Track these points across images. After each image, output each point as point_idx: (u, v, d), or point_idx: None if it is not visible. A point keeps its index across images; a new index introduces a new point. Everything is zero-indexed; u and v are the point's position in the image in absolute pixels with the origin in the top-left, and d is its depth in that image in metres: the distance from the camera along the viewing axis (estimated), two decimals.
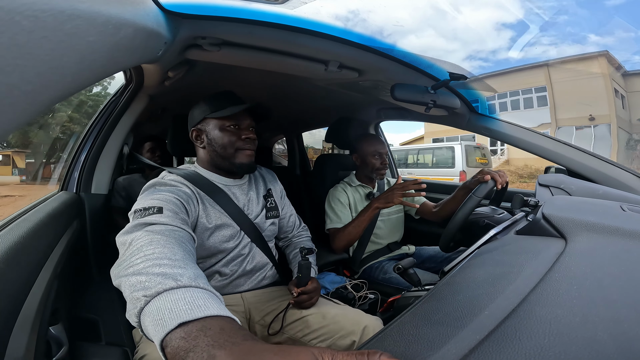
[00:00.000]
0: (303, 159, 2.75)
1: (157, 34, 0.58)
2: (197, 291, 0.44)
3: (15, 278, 0.51)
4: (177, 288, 0.44)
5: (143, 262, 0.50)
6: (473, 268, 0.59)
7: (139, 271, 0.48)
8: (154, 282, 0.45)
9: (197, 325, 0.38)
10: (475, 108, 1.35)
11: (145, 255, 0.52)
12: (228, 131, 0.96)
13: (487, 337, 0.36)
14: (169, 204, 0.73)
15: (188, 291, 0.44)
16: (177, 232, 0.64)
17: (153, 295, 0.44)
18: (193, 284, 0.46)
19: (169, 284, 0.44)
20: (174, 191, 0.82)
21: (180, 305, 0.41)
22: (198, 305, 0.41)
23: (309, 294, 0.96)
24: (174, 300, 0.42)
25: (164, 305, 0.42)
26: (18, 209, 0.78)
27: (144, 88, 1.15)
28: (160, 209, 0.70)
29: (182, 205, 0.79)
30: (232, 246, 0.96)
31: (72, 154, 1.20)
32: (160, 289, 0.44)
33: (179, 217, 0.71)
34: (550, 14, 14.60)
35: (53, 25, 0.27)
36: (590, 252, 0.53)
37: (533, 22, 6.36)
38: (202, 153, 1.01)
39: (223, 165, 0.99)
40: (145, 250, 0.53)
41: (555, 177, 1.11)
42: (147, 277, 0.46)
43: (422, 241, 1.72)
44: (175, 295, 0.43)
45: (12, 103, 0.26)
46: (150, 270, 0.48)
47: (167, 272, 0.47)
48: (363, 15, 0.90)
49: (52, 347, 0.62)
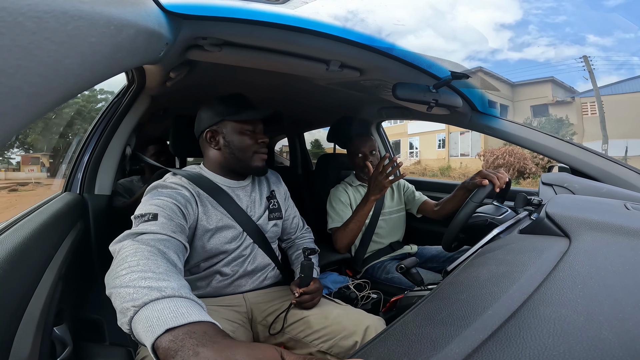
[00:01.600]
0: (305, 159, 2.75)
1: (159, 34, 0.59)
2: (181, 300, 0.49)
3: (20, 279, 0.51)
4: (162, 298, 0.48)
5: (128, 275, 0.53)
6: (476, 267, 0.59)
7: (126, 284, 0.52)
8: (141, 293, 0.49)
9: (183, 329, 0.43)
10: (476, 107, 1.35)
11: (130, 267, 0.55)
12: (246, 135, 0.98)
13: (490, 337, 0.36)
14: (165, 210, 0.76)
15: (172, 300, 0.48)
16: (165, 241, 0.67)
17: (141, 305, 0.48)
18: (176, 294, 0.50)
19: (155, 295, 0.48)
20: (173, 194, 0.84)
21: (166, 314, 0.45)
22: (182, 313, 0.45)
23: (311, 294, 0.96)
24: (160, 309, 0.46)
25: (151, 314, 0.46)
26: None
27: (146, 89, 1.15)
28: (155, 215, 0.73)
29: (179, 210, 0.81)
30: (233, 247, 0.96)
31: (75, 155, 1.21)
32: (147, 299, 0.48)
33: (174, 223, 0.74)
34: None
35: (55, 27, 0.27)
36: (595, 251, 0.53)
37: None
38: (215, 155, 1.01)
39: (238, 167, 1.00)
40: (129, 261, 0.56)
41: (558, 175, 1.11)
42: (134, 289, 0.50)
43: (424, 240, 1.72)
44: (161, 304, 0.47)
45: (15, 105, 0.26)
46: (137, 283, 0.51)
47: (152, 285, 0.51)
48: (363, 15, 0.90)
49: (56, 347, 0.62)
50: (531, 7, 37.47)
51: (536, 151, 1.24)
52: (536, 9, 36.74)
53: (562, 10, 25.39)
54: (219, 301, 0.97)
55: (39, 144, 4.03)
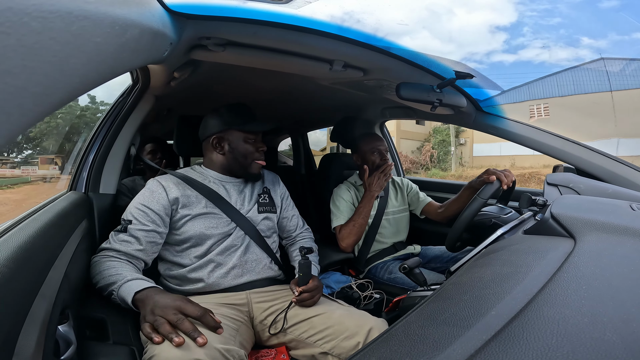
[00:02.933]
0: (308, 159, 2.75)
1: (163, 34, 0.59)
2: (138, 280, 0.84)
3: (25, 277, 0.52)
4: (128, 280, 0.84)
5: (103, 278, 0.86)
6: (480, 268, 0.59)
7: (102, 280, 0.85)
8: (120, 278, 0.84)
9: (144, 291, 0.81)
10: (481, 107, 1.34)
11: (111, 267, 0.88)
12: (249, 143, 1.09)
13: (494, 338, 0.35)
14: (139, 215, 0.96)
15: (134, 281, 0.84)
16: (133, 253, 0.92)
17: (119, 286, 0.83)
18: (134, 277, 0.85)
19: (124, 280, 0.84)
20: (150, 200, 0.98)
21: (132, 287, 0.82)
22: (139, 285, 0.82)
23: (311, 293, 0.98)
24: (129, 285, 0.82)
25: (127, 288, 0.82)
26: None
27: (150, 89, 1.16)
28: (129, 221, 0.95)
29: (153, 212, 0.97)
30: (219, 232, 1.02)
31: (80, 154, 1.22)
32: (121, 282, 0.83)
33: (147, 228, 0.95)
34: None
35: (61, 27, 0.27)
36: (600, 252, 0.52)
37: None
38: (218, 158, 1.11)
39: (238, 171, 1.12)
40: (114, 265, 0.89)
41: (563, 176, 1.10)
42: (116, 278, 0.85)
43: (428, 241, 1.71)
44: (129, 283, 0.83)
45: (20, 104, 0.26)
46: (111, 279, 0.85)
47: (121, 276, 0.85)
48: (366, 15, 0.90)
49: (60, 345, 0.62)
50: (526, 9, 37.34)
51: (541, 151, 1.23)
52: (531, 11, 36.61)
53: (557, 12, 25.26)
54: (222, 298, 0.99)
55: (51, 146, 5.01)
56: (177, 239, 1.01)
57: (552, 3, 25.82)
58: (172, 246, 1.02)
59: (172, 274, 1.01)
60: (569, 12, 19.87)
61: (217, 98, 1.56)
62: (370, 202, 1.44)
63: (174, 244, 1.02)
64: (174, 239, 1.01)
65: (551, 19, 31.68)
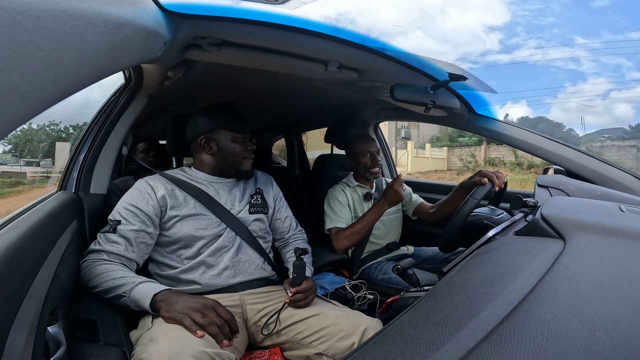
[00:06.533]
0: (302, 159, 2.74)
1: (157, 33, 0.58)
2: (148, 282, 0.86)
3: (14, 278, 0.51)
4: (139, 283, 0.84)
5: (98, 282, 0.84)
6: (472, 269, 0.59)
7: (105, 283, 0.85)
8: (129, 281, 0.84)
9: (160, 293, 0.81)
10: (474, 108, 1.36)
11: (110, 270, 0.86)
12: (238, 142, 1.09)
13: (485, 338, 0.36)
14: (128, 215, 0.94)
15: (145, 284, 0.85)
16: (125, 254, 0.91)
17: (131, 289, 0.82)
18: (143, 280, 0.85)
19: (134, 283, 0.84)
20: (139, 200, 0.97)
21: (147, 289, 0.83)
22: (154, 287, 0.84)
23: (304, 293, 0.98)
24: (142, 287, 0.83)
25: (142, 291, 0.82)
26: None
27: (143, 88, 1.14)
28: (118, 221, 0.93)
29: (142, 213, 0.96)
30: (209, 234, 1.01)
31: (71, 154, 1.20)
32: (132, 286, 0.83)
33: (136, 228, 0.93)
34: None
35: (54, 26, 0.27)
36: (589, 253, 0.53)
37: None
38: (207, 158, 1.10)
39: (228, 171, 1.11)
40: (110, 269, 0.87)
41: (554, 177, 1.11)
42: (124, 281, 0.85)
43: (421, 242, 1.72)
44: (141, 286, 0.84)
45: (11, 103, 0.26)
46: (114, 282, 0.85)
47: (129, 279, 0.86)
48: (362, 16, 0.90)
49: (50, 347, 0.61)
50: (519, 9, 37.79)
51: (532, 153, 1.25)
52: (523, 11, 37.05)
53: (550, 12, 25.63)
54: (216, 299, 0.97)
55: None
56: (167, 240, 1.00)
57: (544, 3, 26.11)
58: (162, 247, 1.01)
59: (164, 274, 1.00)
60: (562, 12, 20.24)
61: (211, 98, 1.55)
62: (379, 213, 1.41)
63: (163, 245, 1.01)
64: (164, 241, 1.00)
65: (544, 19, 32.13)
